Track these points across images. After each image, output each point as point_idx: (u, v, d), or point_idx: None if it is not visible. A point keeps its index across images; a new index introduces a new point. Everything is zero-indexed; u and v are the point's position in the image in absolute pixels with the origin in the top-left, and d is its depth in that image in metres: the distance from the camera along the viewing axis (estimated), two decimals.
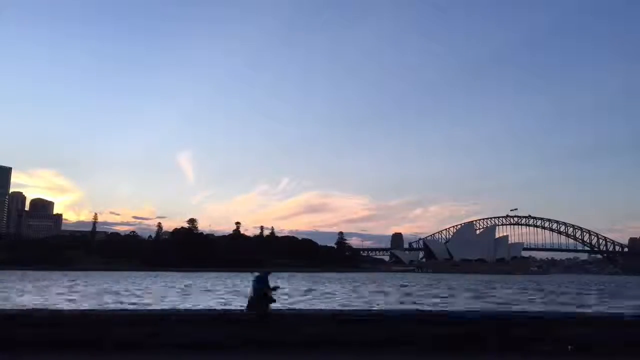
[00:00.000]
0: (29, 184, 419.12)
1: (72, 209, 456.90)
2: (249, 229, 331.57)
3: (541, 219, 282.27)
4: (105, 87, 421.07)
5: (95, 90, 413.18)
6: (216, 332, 9.99)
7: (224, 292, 41.98)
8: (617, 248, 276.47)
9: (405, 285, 64.75)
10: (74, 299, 32.35)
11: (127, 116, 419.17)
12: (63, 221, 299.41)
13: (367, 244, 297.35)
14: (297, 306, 24.11)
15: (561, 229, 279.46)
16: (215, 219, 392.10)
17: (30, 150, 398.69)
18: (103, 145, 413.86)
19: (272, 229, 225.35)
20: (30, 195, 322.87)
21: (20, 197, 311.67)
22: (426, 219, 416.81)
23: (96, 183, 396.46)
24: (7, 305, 24.26)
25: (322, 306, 27.04)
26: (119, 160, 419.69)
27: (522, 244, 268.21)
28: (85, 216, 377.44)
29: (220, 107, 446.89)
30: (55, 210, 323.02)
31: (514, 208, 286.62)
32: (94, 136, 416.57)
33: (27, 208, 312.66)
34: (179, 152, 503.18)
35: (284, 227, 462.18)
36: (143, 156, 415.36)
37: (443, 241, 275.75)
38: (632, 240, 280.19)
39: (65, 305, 25.74)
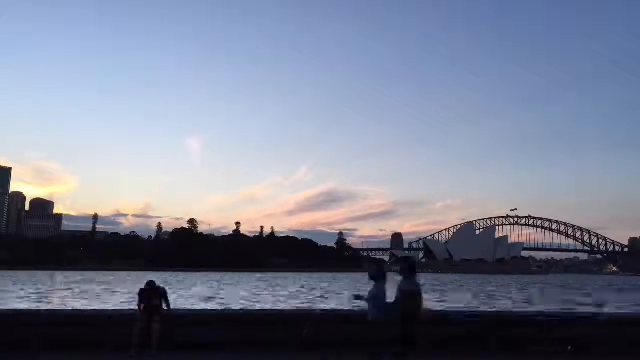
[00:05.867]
0: (24, 176, 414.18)
1: (64, 202, 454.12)
2: (254, 226, 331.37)
3: (541, 219, 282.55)
4: (106, 80, 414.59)
5: (95, 85, 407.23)
6: (216, 331, 10.01)
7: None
8: (617, 248, 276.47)
9: None
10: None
11: (128, 106, 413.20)
12: (62, 216, 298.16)
13: (362, 242, 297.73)
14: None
15: (561, 229, 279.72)
16: (222, 212, 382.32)
17: (27, 141, 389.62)
18: (103, 134, 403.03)
19: (272, 228, 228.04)
20: (28, 191, 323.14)
21: (20, 197, 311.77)
22: (445, 214, 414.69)
23: (95, 174, 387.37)
24: None
25: None
26: (118, 152, 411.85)
27: (522, 244, 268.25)
28: (77, 210, 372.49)
29: (229, 94, 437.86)
30: (52, 201, 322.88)
31: (514, 208, 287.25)
32: (93, 124, 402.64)
33: (27, 208, 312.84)
34: (187, 140, 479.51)
35: (293, 224, 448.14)
36: (145, 147, 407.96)
37: (443, 241, 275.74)
38: (632, 240, 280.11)
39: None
